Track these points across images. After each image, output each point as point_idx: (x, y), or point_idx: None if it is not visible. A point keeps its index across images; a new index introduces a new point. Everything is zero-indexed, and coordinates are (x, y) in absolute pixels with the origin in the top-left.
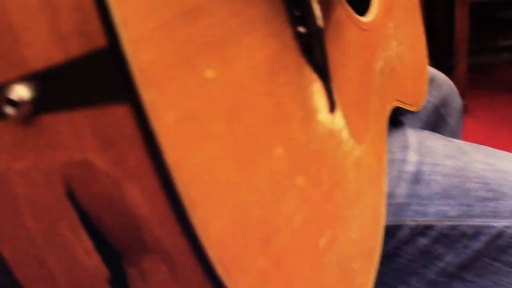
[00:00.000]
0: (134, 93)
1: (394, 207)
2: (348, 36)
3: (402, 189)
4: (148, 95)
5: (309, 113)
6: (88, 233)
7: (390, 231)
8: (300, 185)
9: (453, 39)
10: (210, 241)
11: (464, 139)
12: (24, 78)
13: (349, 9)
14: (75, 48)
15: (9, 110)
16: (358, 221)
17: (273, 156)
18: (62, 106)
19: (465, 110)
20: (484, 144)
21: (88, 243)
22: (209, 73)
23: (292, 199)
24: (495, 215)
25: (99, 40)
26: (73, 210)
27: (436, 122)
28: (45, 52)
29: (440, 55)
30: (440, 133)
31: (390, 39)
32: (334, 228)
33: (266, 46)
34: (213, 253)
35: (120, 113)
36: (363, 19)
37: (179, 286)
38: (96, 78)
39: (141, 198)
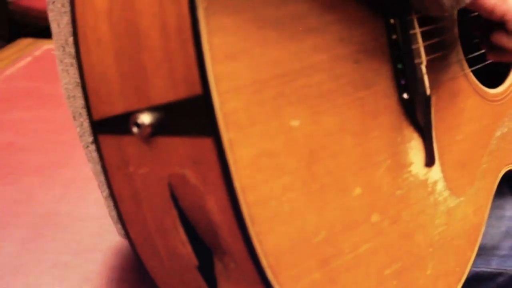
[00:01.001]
0: (216, 131)
1: (499, 258)
2: (466, 103)
3: (508, 243)
4: (227, 134)
5: (399, 164)
6: (184, 229)
7: (492, 277)
8: (375, 221)
9: None
10: (264, 251)
11: None
12: (148, 109)
13: (474, 80)
14: (182, 92)
15: (135, 130)
16: (438, 261)
17: (351, 195)
18: (171, 133)
19: None
20: None
21: (183, 236)
22: (294, 123)
23: (363, 231)
24: None
25: (198, 89)
26: (175, 209)
27: None
28: (163, 92)
29: None
30: None
31: None
32: (406, 262)
33: (362, 106)
34: (265, 261)
35: (207, 144)
36: (492, 90)
37: (243, 283)
38: (194, 116)
39: (217, 210)
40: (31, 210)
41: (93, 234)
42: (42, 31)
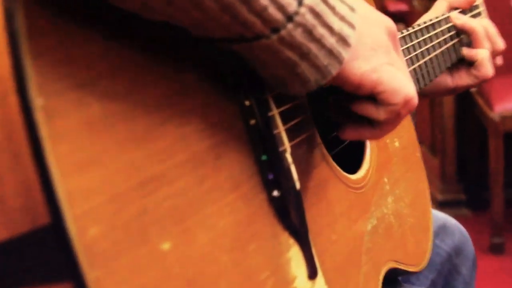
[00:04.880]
0: (78, 272)
1: None
2: (333, 195)
3: None
4: (93, 274)
5: (284, 281)
6: None
7: None
8: None
9: (487, 171)
10: None
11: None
12: None
13: (335, 166)
14: (20, 225)
15: None
16: None
17: None
18: (8, 285)
19: (501, 249)
20: None
21: None
22: (165, 246)
23: None
24: None
25: (43, 218)
26: None
27: (449, 271)
28: None
29: (474, 189)
30: (453, 283)
31: (385, 196)
32: None
33: (233, 212)
34: None
35: None
36: (353, 176)
37: None
38: (41, 255)
39: None
40: None
41: None
42: None
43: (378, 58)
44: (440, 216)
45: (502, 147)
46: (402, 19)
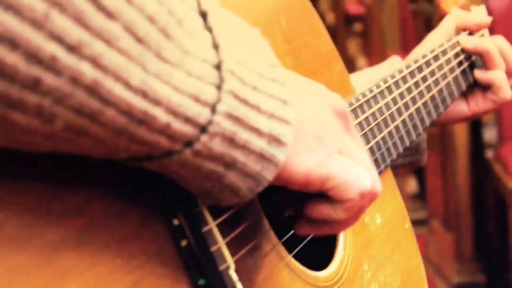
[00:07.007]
0: None
1: None
2: None
3: None
4: None
5: None
6: None
7: None
8: None
9: (510, 249)
10: None
11: None
12: None
13: (299, 267)
14: None
15: None
16: None
17: None
18: None
19: None
20: None
21: None
22: None
23: None
24: None
25: None
26: None
27: None
28: None
29: (494, 270)
30: None
31: (367, 287)
32: None
33: None
34: None
35: None
36: (322, 273)
37: None
38: None
39: None
40: None
41: None
42: None
43: (325, 148)
44: None
45: None
46: None
